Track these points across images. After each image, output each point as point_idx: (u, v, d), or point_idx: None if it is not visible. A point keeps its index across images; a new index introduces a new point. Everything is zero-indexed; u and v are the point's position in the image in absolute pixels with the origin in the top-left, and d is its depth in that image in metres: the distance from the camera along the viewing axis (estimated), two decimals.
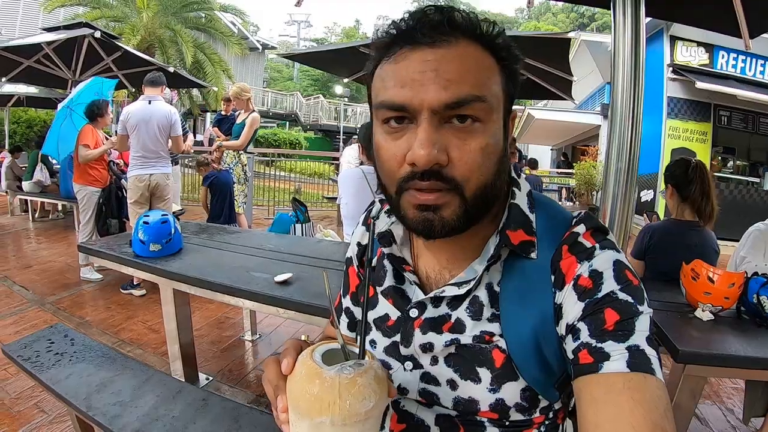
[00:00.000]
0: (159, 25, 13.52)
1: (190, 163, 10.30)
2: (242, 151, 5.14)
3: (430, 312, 0.67)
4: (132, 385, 1.63)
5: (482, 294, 0.65)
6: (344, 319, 0.85)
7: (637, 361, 0.53)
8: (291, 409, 0.53)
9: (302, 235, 3.92)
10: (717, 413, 2.46)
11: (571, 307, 0.59)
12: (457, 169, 0.57)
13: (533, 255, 0.64)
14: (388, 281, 0.74)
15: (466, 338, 0.64)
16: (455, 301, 0.66)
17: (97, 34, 5.11)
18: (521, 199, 0.67)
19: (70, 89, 6.04)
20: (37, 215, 6.83)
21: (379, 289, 0.75)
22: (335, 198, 3.65)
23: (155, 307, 3.48)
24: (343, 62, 5.40)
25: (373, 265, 0.80)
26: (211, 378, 2.62)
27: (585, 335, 0.56)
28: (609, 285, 0.58)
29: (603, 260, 0.60)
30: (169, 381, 1.70)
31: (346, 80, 5.85)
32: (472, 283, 0.64)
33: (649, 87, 8.56)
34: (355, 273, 0.86)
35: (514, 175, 0.69)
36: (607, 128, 1.80)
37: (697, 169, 2.18)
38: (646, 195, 8.71)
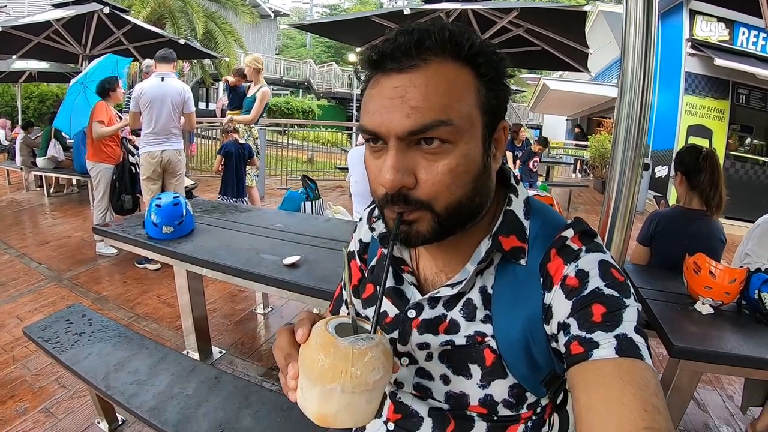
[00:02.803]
0: None
1: (203, 133, 10.33)
2: (253, 125, 5.18)
3: (427, 313, 0.71)
4: (148, 364, 1.70)
5: (476, 296, 0.68)
6: (344, 310, 0.89)
7: (625, 348, 0.54)
8: (302, 376, 0.56)
9: (312, 212, 3.94)
10: (716, 399, 2.47)
11: (560, 306, 0.61)
12: (422, 191, 0.59)
13: (522, 261, 0.66)
14: (389, 282, 0.77)
15: (460, 338, 0.67)
16: (450, 302, 0.69)
17: (106, 10, 5.02)
18: (517, 206, 0.69)
19: (82, 64, 5.99)
20: (52, 190, 6.88)
21: (379, 288, 0.79)
22: (347, 168, 3.67)
23: (169, 281, 3.55)
24: (356, 31, 5.32)
25: (372, 264, 0.83)
26: (224, 351, 2.70)
27: (575, 329, 0.58)
28: (594, 282, 0.60)
29: (588, 261, 0.62)
30: (183, 359, 1.77)
31: (359, 49, 5.77)
32: (464, 283, 0.67)
33: (667, 62, 8.39)
34: (357, 267, 0.89)
35: (512, 181, 0.71)
36: (617, 99, 1.74)
37: (707, 158, 2.14)
38: (661, 171, 8.54)
